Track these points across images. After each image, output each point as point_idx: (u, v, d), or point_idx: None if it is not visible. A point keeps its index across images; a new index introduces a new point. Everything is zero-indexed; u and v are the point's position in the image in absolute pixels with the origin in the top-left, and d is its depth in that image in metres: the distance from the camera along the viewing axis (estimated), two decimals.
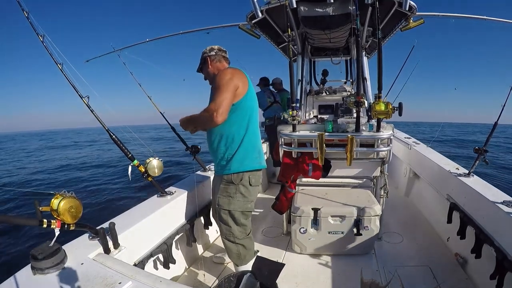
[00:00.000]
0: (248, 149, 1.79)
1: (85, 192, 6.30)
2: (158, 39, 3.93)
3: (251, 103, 1.82)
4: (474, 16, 3.25)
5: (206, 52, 1.89)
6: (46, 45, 1.72)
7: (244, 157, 1.78)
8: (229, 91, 1.64)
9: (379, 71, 2.05)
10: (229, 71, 1.73)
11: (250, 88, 1.81)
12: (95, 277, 1.17)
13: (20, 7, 1.68)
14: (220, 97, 1.62)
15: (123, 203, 5.46)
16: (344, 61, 5.20)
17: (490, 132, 2.38)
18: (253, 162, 1.81)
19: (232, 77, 1.69)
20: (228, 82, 1.66)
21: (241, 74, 1.76)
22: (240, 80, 1.71)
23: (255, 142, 1.85)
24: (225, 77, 1.68)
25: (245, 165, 1.78)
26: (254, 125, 1.85)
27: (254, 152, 1.83)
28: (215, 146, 1.82)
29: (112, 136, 1.86)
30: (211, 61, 1.88)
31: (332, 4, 2.57)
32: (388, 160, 2.32)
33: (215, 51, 1.89)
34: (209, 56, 1.87)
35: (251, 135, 1.81)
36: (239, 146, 1.77)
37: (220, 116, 1.60)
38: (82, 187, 6.77)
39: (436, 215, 2.83)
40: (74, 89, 1.78)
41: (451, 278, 2.05)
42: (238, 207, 1.81)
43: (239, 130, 1.77)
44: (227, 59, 1.94)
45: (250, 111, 1.81)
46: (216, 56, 1.89)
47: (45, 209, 1.14)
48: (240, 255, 1.87)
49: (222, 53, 1.91)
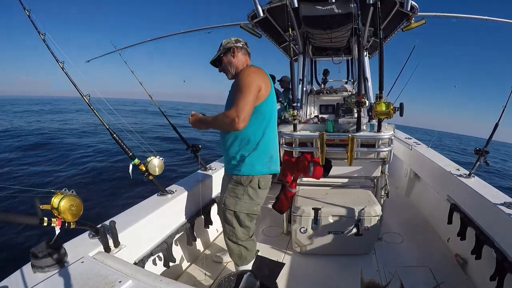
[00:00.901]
0: (261, 154, 1.73)
1: (86, 191, 6.30)
2: (159, 38, 3.93)
3: (271, 107, 1.74)
4: (474, 16, 3.24)
5: (232, 43, 1.77)
6: (48, 43, 1.72)
7: (256, 161, 1.72)
8: (252, 93, 1.56)
9: (380, 71, 2.05)
10: (252, 70, 1.66)
11: (272, 91, 1.73)
12: (95, 275, 1.17)
13: (22, 6, 1.68)
14: (243, 101, 1.53)
15: (123, 202, 5.46)
16: (345, 61, 5.19)
17: (491, 133, 2.38)
18: (263, 167, 1.75)
19: (256, 77, 1.61)
20: (252, 84, 1.57)
21: (264, 75, 1.68)
22: (263, 81, 1.63)
23: (270, 147, 1.78)
24: (249, 77, 1.60)
25: (255, 169, 1.73)
26: (271, 129, 1.77)
27: (266, 157, 1.76)
28: (227, 145, 1.76)
29: (113, 135, 1.86)
30: (238, 52, 1.77)
31: (334, 3, 2.56)
32: (388, 160, 2.32)
33: (241, 43, 1.80)
34: (236, 47, 1.76)
35: (267, 139, 1.74)
36: (253, 150, 1.70)
37: (242, 123, 1.53)
38: (82, 186, 6.78)
39: (436, 215, 2.83)
40: (75, 87, 1.78)
41: (451, 279, 2.05)
42: (244, 209, 1.78)
43: (256, 133, 1.69)
44: (249, 54, 1.84)
45: (269, 115, 1.73)
46: (242, 49, 1.79)
47: (45, 208, 1.14)
48: (241, 256, 1.86)
49: (246, 47, 1.82)
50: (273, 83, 1.78)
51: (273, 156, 1.81)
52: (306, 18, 2.81)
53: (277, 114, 1.87)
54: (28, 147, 10.23)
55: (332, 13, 2.66)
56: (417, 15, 2.70)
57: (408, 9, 2.55)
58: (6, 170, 7.96)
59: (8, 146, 10.19)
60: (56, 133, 13.04)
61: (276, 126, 1.85)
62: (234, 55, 1.76)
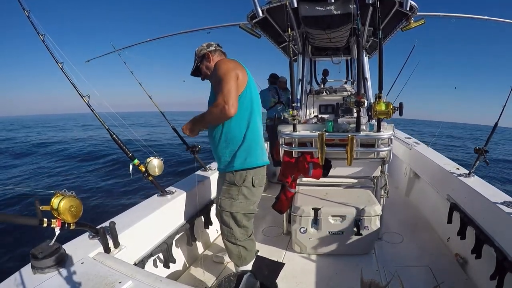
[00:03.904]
0: (251, 146, 1.72)
1: (85, 191, 6.30)
2: (159, 38, 3.94)
3: (251, 95, 1.72)
4: (474, 16, 3.25)
5: (205, 49, 1.80)
6: (47, 44, 1.72)
7: (247, 154, 1.71)
8: (233, 79, 1.56)
9: (380, 71, 2.05)
10: (226, 61, 1.68)
11: (250, 79, 1.72)
12: (95, 276, 1.17)
13: (21, 6, 1.68)
14: (226, 87, 1.53)
15: (123, 203, 5.46)
16: (344, 61, 5.20)
17: (490, 132, 2.39)
18: (256, 159, 1.74)
19: (230, 65, 1.61)
20: (229, 71, 1.58)
21: (238, 63, 1.68)
22: (239, 69, 1.63)
23: (258, 138, 1.77)
24: (224, 65, 1.61)
25: (248, 162, 1.71)
26: (255, 119, 1.75)
27: (257, 148, 1.75)
28: (216, 143, 1.75)
29: (112, 136, 1.86)
30: (212, 56, 1.80)
31: (333, 3, 2.57)
32: (388, 160, 2.32)
33: (213, 46, 1.82)
34: (209, 52, 1.79)
35: (254, 130, 1.73)
36: (242, 143, 1.69)
37: (232, 108, 1.52)
38: (82, 186, 6.78)
39: (436, 215, 2.83)
40: (75, 88, 1.78)
41: (451, 278, 2.05)
42: (240, 209, 1.77)
43: (240, 125, 1.68)
44: (225, 54, 1.87)
45: (251, 104, 1.71)
46: (216, 51, 1.82)
47: (45, 208, 1.13)
48: (240, 256, 1.85)
49: (220, 48, 1.85)
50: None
51: (263, 147, 1.82)
52: (306, 18, 2.82)
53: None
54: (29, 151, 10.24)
55: (331, 13, 2.66)
56: (416, 15, 2.70)
57: (408, 9, 2.55)
58: (6, 170, 7.97)
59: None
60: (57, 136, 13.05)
61: (261, 118, 1.84)
62: (210, 59, 1.79)
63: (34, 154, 10.14)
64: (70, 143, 12.84)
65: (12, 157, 9.87)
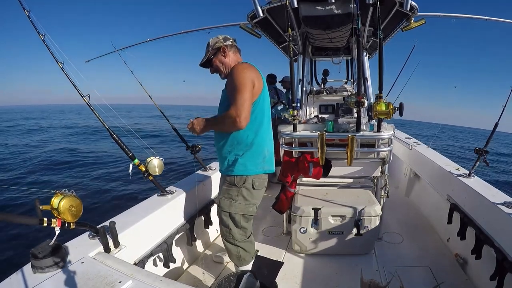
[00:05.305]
0: (254, 154, 1.69)
1: (86, 191, 6.30)
2: (159, 38, 3.93)
3: (264, 104, 1.70)
4: (474, 16, 3.25)
5: (221, 41, 1.72)
6: (47, 44, 1.72)
7: (249, 162, 1.69)
8: (248, 90, 1.53)
9: (380, 71, 2.05)
10: (245, 66, 1.62)
11: (265, 88, 1.70)
12: (95, 276, 1.17)
13: (21, 6, 1.68)
14: (241, 99, 1.50)
15: (123, 202, 5.46)
16: (345, 61, 5.19)
17: (490, 133, 2.38)
18: (256, 167, 1.71)
19: (249, 73, 1.58)
20: (246, 80, 1.54)
21: (256, 71, 1.64)
22: (256, 77, 1.60)
23: (263, 147, 1.73)
24: (242, 73, 1.57)
25: (248, 170, 1.70)
26: (265, 127, 1.73)
27: (259, 157, 1.72)
28: (220, 146, 1.74)
29: (112, 135, 1.86)
30: (228, 51, 1.72)
31: (333, 4, 2.56)
32: (388, 160, 2.32)
33: (230, 41, 1.74)
34: (226, 46, 1.71)
35: (261, 139, 1.70)
36: (246, 150, 1.68)
37: (244, 121, 1.51)
38: (82, 186, 6.78)
39: (436, 215, 2.83)
40: (75, 88, 1.78)
41: (451, 278, 2.05)
42: (239, 210, 1.76)
43: (248, 133, 1.65)
44: (240, 51, 1.80)
45: (262, 114, 1.69)
46: (232, 47, 1.74)
47: (45, 208, 1.14)
48: (240, 256, 1.85)
49: (235, 44, 1.78)
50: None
51: (266, 156, 1.76)
52: (306, 18, 2.82)
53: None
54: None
55: (331, 13, 2.66)
56: (416, 15, 2.70)
57: (408, 9, 2.55)
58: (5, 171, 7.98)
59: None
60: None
61: (271, 125, 1.81)
62: (225, 54, 1.72)
63: (33, 152, 10.16)
64: (69, 143, 12.87)
65: (14, 157, 9.88)
